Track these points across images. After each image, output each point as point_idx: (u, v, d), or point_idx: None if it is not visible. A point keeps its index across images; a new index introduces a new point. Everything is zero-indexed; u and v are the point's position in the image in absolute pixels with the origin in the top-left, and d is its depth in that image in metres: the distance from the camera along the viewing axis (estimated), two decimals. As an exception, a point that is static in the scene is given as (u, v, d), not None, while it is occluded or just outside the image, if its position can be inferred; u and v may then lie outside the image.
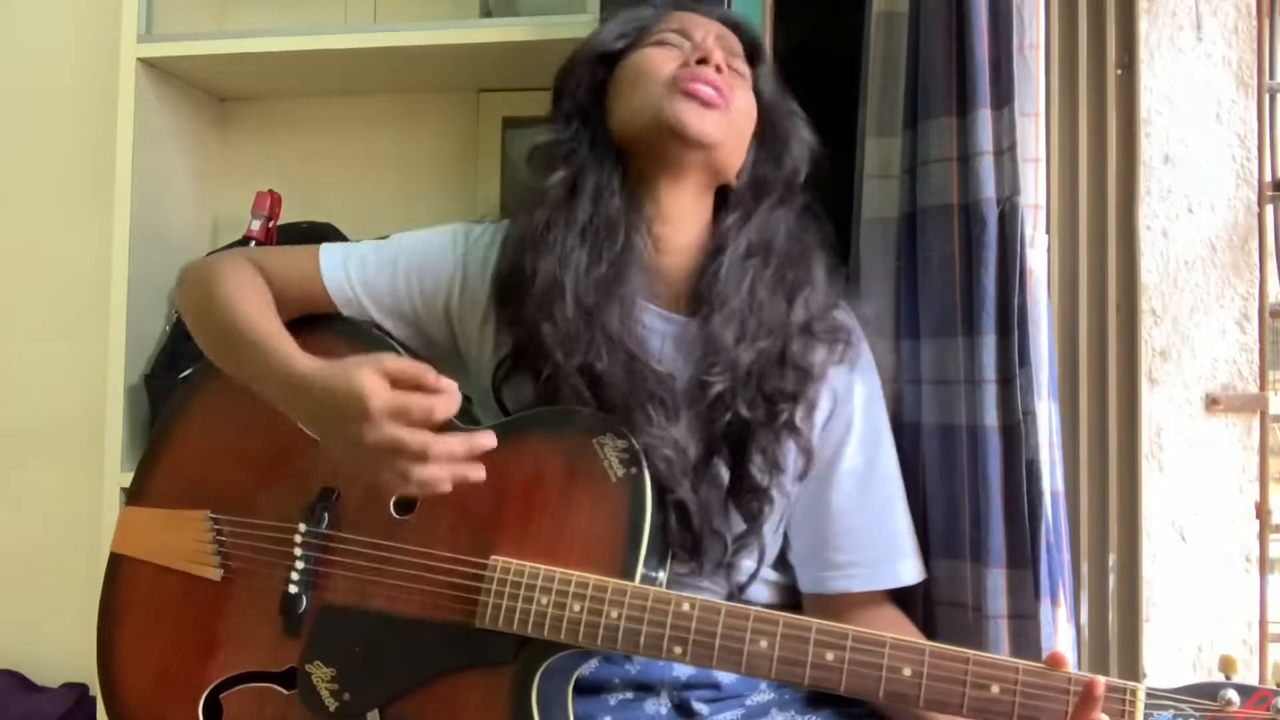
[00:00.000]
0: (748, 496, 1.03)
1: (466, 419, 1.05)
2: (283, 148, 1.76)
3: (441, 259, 1.13)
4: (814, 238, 1.12)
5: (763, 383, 1.03)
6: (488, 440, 0.93)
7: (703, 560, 1.03)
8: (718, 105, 1.04)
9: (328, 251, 1.13)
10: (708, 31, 1.09)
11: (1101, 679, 0.81)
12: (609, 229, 1.04)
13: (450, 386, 0.92)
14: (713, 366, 1.02)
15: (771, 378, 1.04)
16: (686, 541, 1.02)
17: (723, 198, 1.11)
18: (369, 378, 0.91)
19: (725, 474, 1.04)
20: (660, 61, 1.07)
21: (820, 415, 1.08)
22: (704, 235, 1.09)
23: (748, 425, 1.03)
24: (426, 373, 0.92)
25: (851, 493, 1.09)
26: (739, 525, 1.04)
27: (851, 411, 1.10)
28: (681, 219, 1.08)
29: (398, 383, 0.92)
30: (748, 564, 1.06)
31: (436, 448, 0.90)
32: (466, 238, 1.14)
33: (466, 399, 1.07)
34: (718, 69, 1.05)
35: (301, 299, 1.11)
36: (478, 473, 0.92)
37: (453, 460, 0.91)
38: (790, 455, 1.06)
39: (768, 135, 1.11)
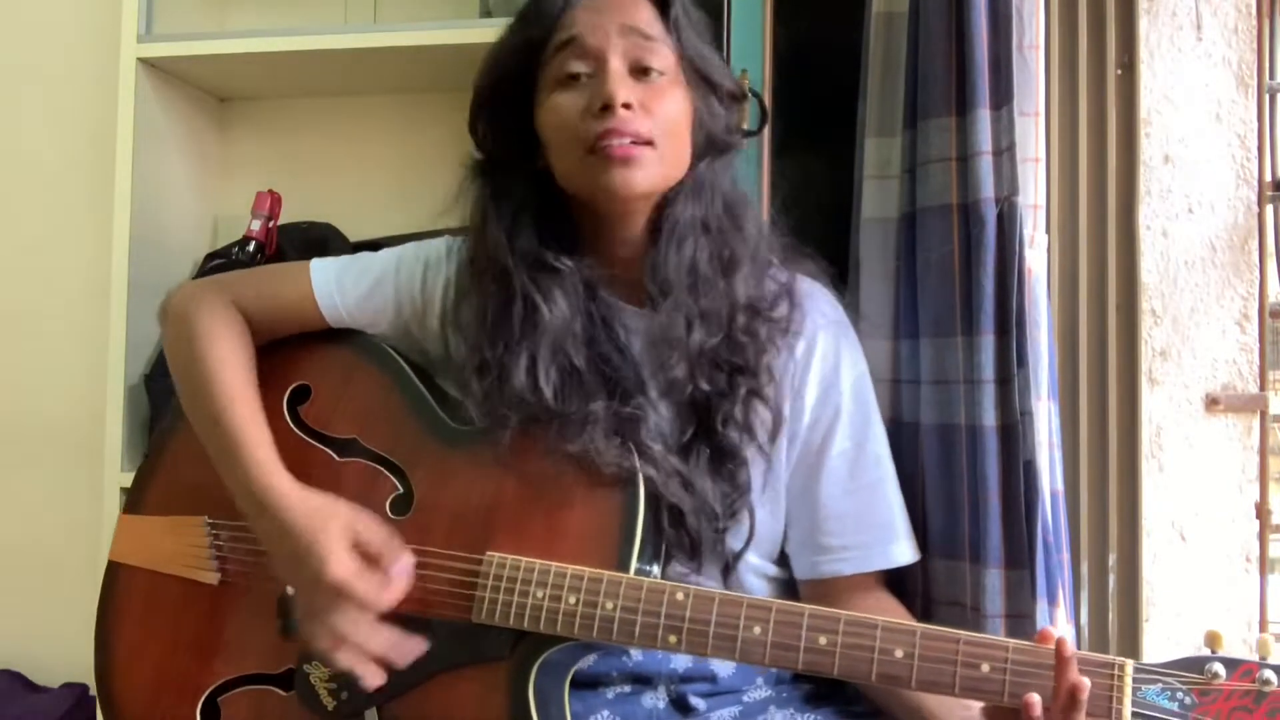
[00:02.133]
0: (725, 460, 1.03)
1: (460, 420, 1.05)
2: (283, 148, 1.76)
3: (432, 274, 1.12)
4: (745, 196, 1.09)
5: (717, 359, 1.04)
6: (412, 649, 0.94)
7: (701, 559, 1.03)
8: (636, 156, 0.98)
9: (319, 276, 1.11)
10: (606, 31, 1.00)
11: (1070, 640, 0.81)
12: (506, 288, 1.03)
13: (404, 571, 0.94)
14: (669, 357, 1.03)
15: (723, 353, 1.04)
16: (684, 542, 1.02)
17: None
18: (336, 544, 0.93)
19: (707, 450, 1.04)
20: (571, 114, 1.00)
21: (793, 378, 1.08)
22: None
23: (709, 397, 1.03)
24: (387, 553, 0.94)
25: (842, 477, 1.09)
26: (727, 492, 1.04)
27: (839, 396, 1.10)
28: (636, 231, 1.05)
29: (361, 550, 0.94)
30: (736, 542, 1.06)
31: (352, 640, 0.92)
32: (455, 250, 1.12)
33: (459, 403, 1.07)
34: (625, 106, 0.97)
35: (297, 324, 1.12)
36: (374, 679, 0.93)
37: (363, 654, 0.92)
38: (759, 418, 1.06)
39: (705, 87, 1.05)
